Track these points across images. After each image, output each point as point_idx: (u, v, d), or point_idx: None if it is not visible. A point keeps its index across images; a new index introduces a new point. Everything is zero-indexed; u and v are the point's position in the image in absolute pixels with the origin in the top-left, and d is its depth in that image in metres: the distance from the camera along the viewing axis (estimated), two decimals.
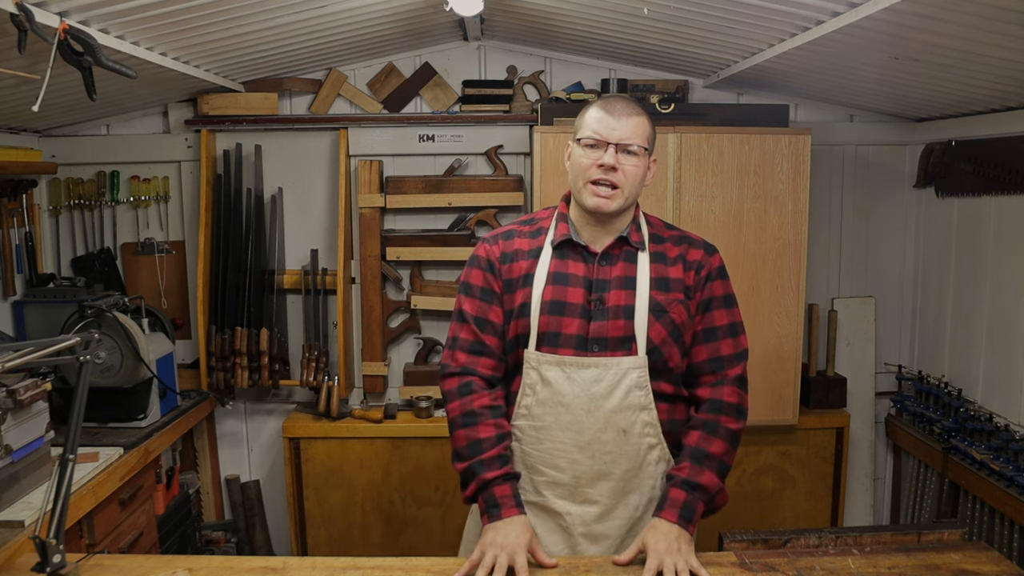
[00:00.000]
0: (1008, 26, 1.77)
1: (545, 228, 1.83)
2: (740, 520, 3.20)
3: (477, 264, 1.83)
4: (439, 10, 2.59)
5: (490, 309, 1.79)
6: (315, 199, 3.41)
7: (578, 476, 1.75)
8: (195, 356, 3.37)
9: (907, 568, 1.62)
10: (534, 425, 1.75)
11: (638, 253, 1.78)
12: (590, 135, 1.71)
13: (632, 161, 1.71)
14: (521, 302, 1.76)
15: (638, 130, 1.71)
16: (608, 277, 1.76)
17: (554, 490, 1.76)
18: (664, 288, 1.76)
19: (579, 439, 1.73)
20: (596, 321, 1.73)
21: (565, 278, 1.76)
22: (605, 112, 1.71)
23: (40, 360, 1.61)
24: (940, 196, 3.20)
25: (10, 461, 2.05)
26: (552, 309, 1.74)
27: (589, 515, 1.76)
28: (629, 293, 1.75)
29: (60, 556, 1.56)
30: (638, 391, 1.73)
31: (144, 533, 2.66)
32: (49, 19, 1.80)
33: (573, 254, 1.78)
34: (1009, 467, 2.59)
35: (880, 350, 3.47)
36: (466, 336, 1.81)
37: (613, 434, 1.73)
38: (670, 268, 1.79)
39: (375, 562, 1.70)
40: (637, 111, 1.74)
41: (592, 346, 1.73)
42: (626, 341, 1.73)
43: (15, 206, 3.09)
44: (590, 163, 1.71)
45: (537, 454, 1.76)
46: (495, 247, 1.83)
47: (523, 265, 1.79)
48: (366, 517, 3.26)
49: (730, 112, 3.06)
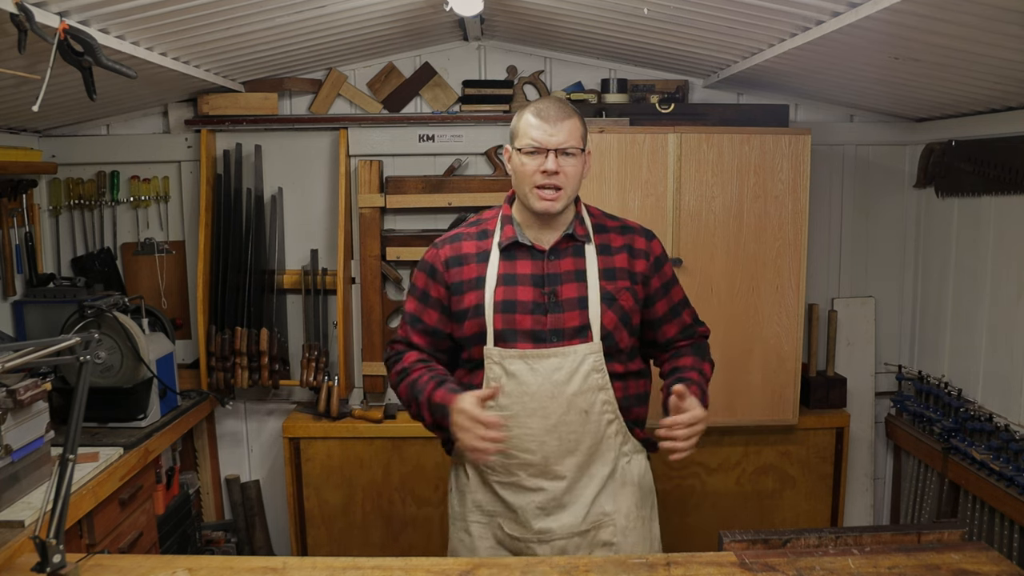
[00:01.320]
0: (1008, 26, 1.77)
1: (490, 230, 1.96)
2: (740, 520, 3.21)
3: (422, 267, 1.99)
4: (439, 10, 2.59)
5: (425, 311, 1.96)
6: (315, 199, 3.41)
7: (547, 456, 1.88)
8: (195, 356, 3.37)
9: (907, 568, 1.62)
10: (502, 415, 1.84)
11: (585, 246, 1.93)
12: (529, 143, 1.84)
13: (571, 162, 1.85)
14: (475, 303, 1.90)
15: (573, 132, 1.85)
16: (558, 271, 1.90)
17: (526, 470, 1.90)
18: (611, 277, 1.92)
19: (546, 423, 1.87)
20: (553, 314, 1.87)
21: (514, 278, 1.90)
22: (541, 120, 1.84)
23: (40, 360, 1.61)
24: (940, 196, 3.20)
25: (10, 461, 2.05)
26: (504, 308, 1.87)
27: (558, 488, 1.90)
28: (581, 285, 1.90)
29: (60, 556, 1.56)
30: (595, 374, 1.88)
31: (144, 533, 2.66)
32: (49, 19, 1.80)
33: (521, 254, 1.92)
34: (1009, 467, 2.59)
35: (880, 350, 3.47)
36: (401, 332, 2.00)
37: (576, 415, 1.88)
38: (615, 257, 1.95)
39: (375, 562, 1.70)
40: (569, 113, 1.87)
41: (550, 337, 1.87)
42: (582, 330, 1.88)
43: (15, 206, 3.09)
44: (533, 169, 1.84)
45: (508, 441, 1.86)
46: (441, 251, 1.96)
47: (472, 268, 1.92)
48: (366, 517, 3.26)
49: (730, 112, 3.06)
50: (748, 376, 3.00)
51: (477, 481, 1.96)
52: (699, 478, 3.22)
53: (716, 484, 3.23)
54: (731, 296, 2.96)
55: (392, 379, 1.98)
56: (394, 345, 2.01)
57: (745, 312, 2.97)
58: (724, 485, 3.23)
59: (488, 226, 1.97)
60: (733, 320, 2.96)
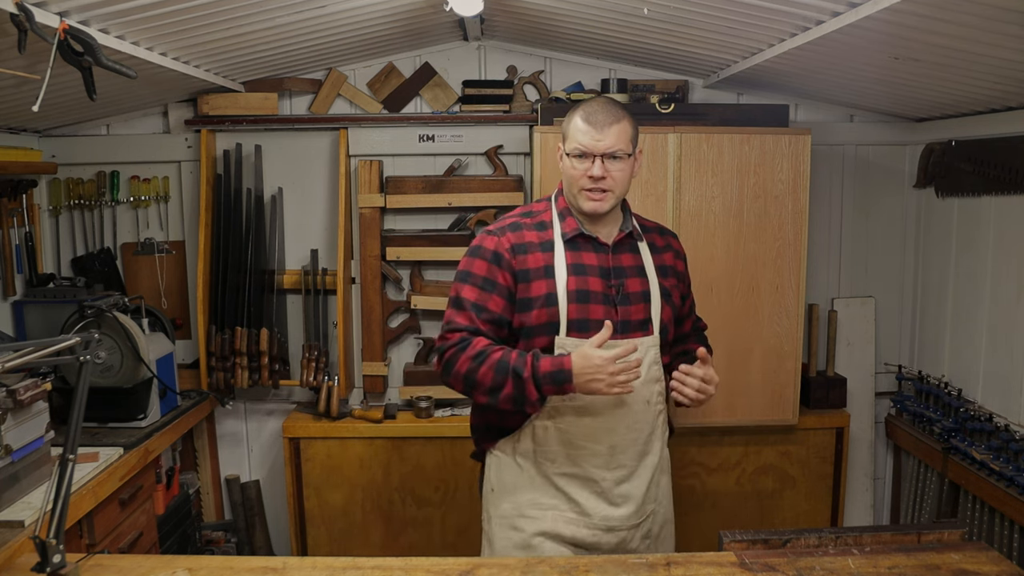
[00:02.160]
0: (1008, 26, 1.77)
1: (547, 221, 1.97)
2: (740, 520, 3.21)
3: (481, 255, 1.93)
4: (439, 10, 2.59)
5: (490, 298, 1.89)
6: (315, 199, 3.41)
7: (614, 445, 1.93)
8: (195, 356, 3.37)
9: (907, 568, 1.62)
10: (573, 406, 1.88)
11: (639, 243, 2.00)
12: (577, 147, 1.87)
13: (619, 166, 1.88)
14: (546, 292, 1.89)
15: (621, 136, 1.87)
16: (622, 265, 1.95)
17: (592, 460, 1.93)
18: (664, 275, 2.01)
19: (617, 412, 1.91)
20: (622, 306, 1.92)
21: (584, 268, 1.91)
22: (589, 125, 1.86)
23: (40, 360, 1.61)
24: (940, 196, 3.20)
25: (10, 461, 2.05)
26: (579, 298, 1.89)
27: (619, 477, 1.95)
28: (643, 280, 1.96)
29: (60, 556, 1.56)
30: (655, 366, 1.96)
31: (144, 533, 2.66)
32: (49, 19, 1.80)
33: (585, 246, 1.94)
34: (1009, 467, 2.59)
35: (880, 350, 3.47)
36: (461, 321, 1.90)
37: (642, 405, 1.94)
38: (664, 256, 2.05)
39: (375, 562, 1.70)
40: (618, 116, 1.88)
41: (619, 329, 1.88)
42: (645, 323, 1.94)
43: (15, 206, 3.09)
44: (580, 173, 1.87)
45: (577, 431, 1.91)
46: (504, 239, 1.93)
47: (539, 257, 1.91)
48: (366, 517, 3.26)
49: (730, 112, 3.06)
50: (748, 376, 3.00)
51: (535, 475, 1.95)
52: (699, 478, 3.22)
53: (716, 484, 3.23)
54: (731, 296, 2.96)
55: (462, 365, 1.85)
56: (451, 335, 1.89)
57: (745, 312, 2.97)
58: (724, 485, 3.23)
59: (544, 217, 1.98)
60: (733, 320, 2.96)
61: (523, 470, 1.96)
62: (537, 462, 1.95)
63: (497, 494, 2.00)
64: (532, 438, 1.95)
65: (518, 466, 1.96)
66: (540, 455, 1.94)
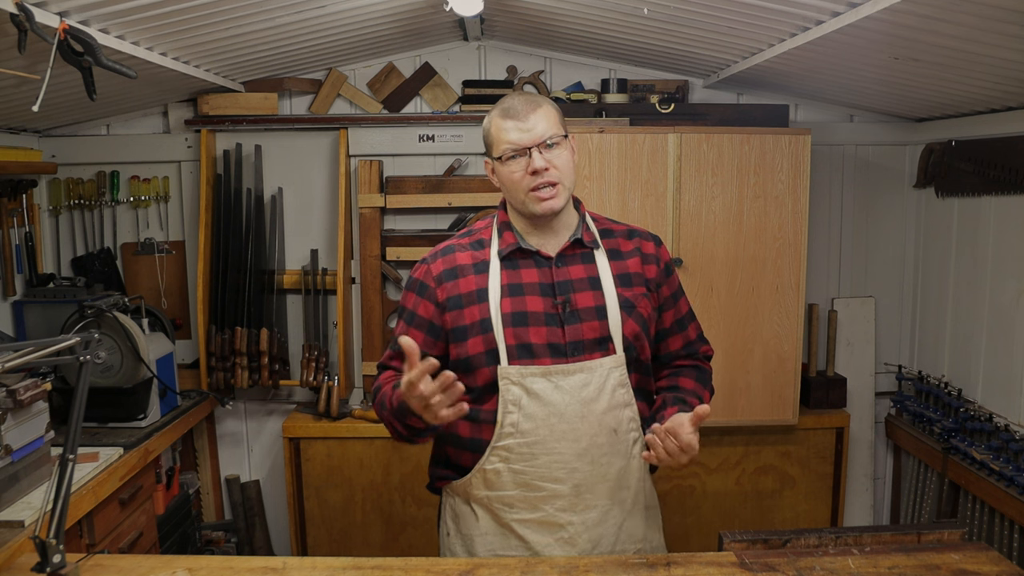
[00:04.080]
0: (1008, 26, 1.77)
1: (486, 239, 1.79)
2: (740, 520, 3.21)
3: (410, 286, 1.81)
4: (439, 10, 2.59)
5: (408, 331, 1.75)
6: (315, 199, 3.41)
7: (578, 484, 1.71)
8: (195, 356, 3.37)
9: (907, 568, 1.62)
10: (525, 442, 1.69)
11: (594, 252, 1.77)
12: (507, 147, 1.67)
13: (557, 152, 1.68)
14: (479, 318, 1.70)
15: (549, 120, 1.67)
16: (569, 278, 1.73)
17: (554, 503, 1.72)
18: (627, 284, 1.76)
19: (577, 447, 1.69)
20: (570, 325, 1.69)
21: (520, 288, 1.72)
22: (512, 119, 1.66)
23: (40, 360, 1.61)
24: (940, 196, 3.20)
25: (10, 461, 2.05)
26: (516, 321, 1.69)
27: (591, 520, 1.74)
28: (597, 293, 1.73)
29: (60, 556, 1.56)
30: (621, 389, 1.72)
31: (144, 533, 2.66)
32: (49, 19, 1.80)
33: (524, 262, 1.74)
34: (1009, 467, 2.59)
35: (880, 350, 3.47)
36: (386, 359, 1.82)
37: (606, 436, 1.71)
38: (628, 262, 1.78)
39: (375, 562, 1.69)
40: (538, 102, 1.69)
41: (570, 351, 1.69)
42: (603, 341, 1.71)
43: (15, 206, 3.09)
44: (522, 174, 1.67)
45: (533, 471, 1.70)
46: (433, 266, 1.78)
47: (471, 280, 1.73)
48: (366, 517, 3.26)
49: (730, 112, 3.07)
50: (748, 376, 3.00)
51: (490, 522, 1.76)
52: (699, 478, 3.22)
53: (716, 484, 3.23)
54: (731, 296, 2.96)
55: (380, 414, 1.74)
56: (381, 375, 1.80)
57: (745, 312, 2.97)
58: (724, 485, 3.23)
59: (483, 235, 1.79)
60: (733, 320, 2.96)
61: (479, 518, 1.77)
62: (493, 508, 1.74)
63: (453, 539, 1.82)
64: (484, 483, 1.73)
65: (473, 513, 1.78)
66: (496, 501, 1.73)
